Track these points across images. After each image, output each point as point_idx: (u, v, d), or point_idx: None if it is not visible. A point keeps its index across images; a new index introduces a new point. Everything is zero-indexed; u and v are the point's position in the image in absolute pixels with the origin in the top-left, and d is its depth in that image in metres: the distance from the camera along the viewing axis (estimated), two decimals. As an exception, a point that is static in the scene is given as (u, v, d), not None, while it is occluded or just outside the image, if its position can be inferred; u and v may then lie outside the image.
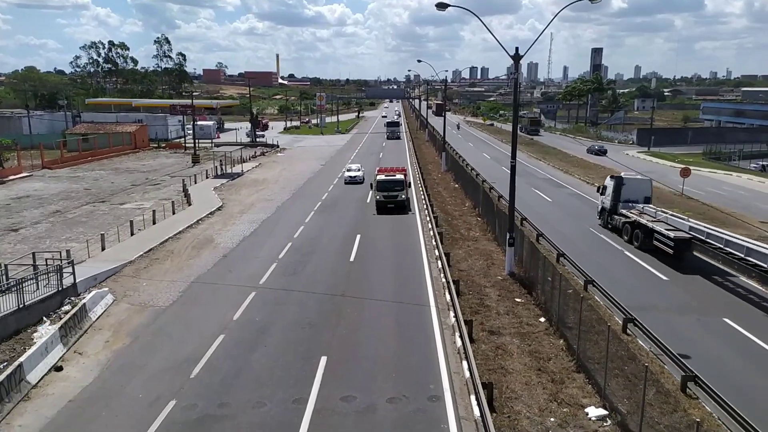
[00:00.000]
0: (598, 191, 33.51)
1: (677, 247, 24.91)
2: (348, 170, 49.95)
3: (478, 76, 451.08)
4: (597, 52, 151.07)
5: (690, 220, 26.70)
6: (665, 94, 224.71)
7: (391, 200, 36.03)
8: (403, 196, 36.23)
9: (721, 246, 22.85)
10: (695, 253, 24.74)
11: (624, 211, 30.33)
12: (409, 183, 39.39)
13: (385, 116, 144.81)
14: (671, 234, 25.14)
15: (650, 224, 27.14)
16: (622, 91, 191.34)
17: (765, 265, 20.39)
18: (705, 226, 24.87)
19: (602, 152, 71.24)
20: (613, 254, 27.65)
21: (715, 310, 20.38)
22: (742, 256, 21.59)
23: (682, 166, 49.67)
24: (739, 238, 22.49)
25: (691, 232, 25.01)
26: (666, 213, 28.02)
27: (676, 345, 16.34)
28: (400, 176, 37.30)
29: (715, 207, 38.45)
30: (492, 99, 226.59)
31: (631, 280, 23.80)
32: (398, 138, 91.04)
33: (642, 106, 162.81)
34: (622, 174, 32.39)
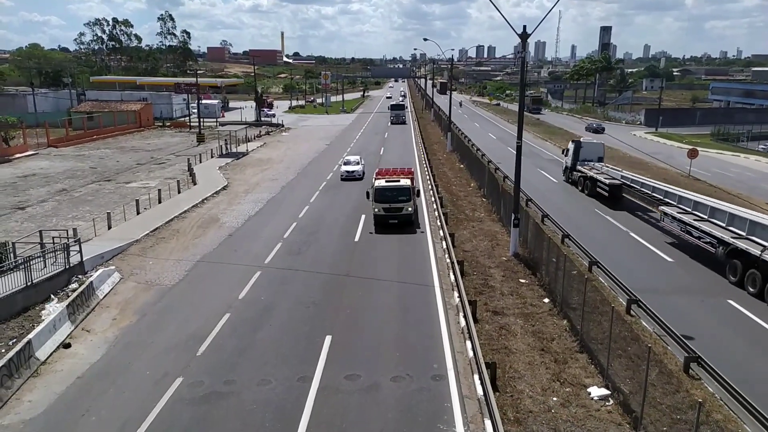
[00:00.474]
0: (563, 153, 40.48)
1: (611, 191, 33.09)
2: (345, 163, 42.33)
3: (485, 55, 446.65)
4: (606, 31, 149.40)
5: (623, 171, 34.28)
6: (674, 74, 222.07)
7: (394, 214, 27.60)
8: (410, 209, 27.73)
9: (638, 187, 30.92)
10: (624, 194, 32.80)
11: (580, 168, 37.39)
12: (418, 190, 29.55)
13: (390, 97, 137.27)
14: (607, 181, 33.41)
15: (595, 176, 34.86)
16: (630, 70, 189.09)
17: (660, 196, 28.15)
18: (632, 176, 32.67)
19: (600, 130, 73.50)
20: (618, 235, 27.60)
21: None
22: (650, 192, 29.37)
23: (690, 147, 49.26)
24: (650, 181, 30.55)
25: (622, 180, 32.83)
26: (610, 167, 35.76)
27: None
28: (405, 181, 28.50)
29: (721, 188, 38.21)
30: (498, 78, 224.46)
31: (635, 262, 23.80)
32: (403, 123, 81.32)
33: (650, 86, 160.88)
34: (581, 139, 41.27)
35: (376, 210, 27.62)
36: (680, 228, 25.09)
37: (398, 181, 28.64)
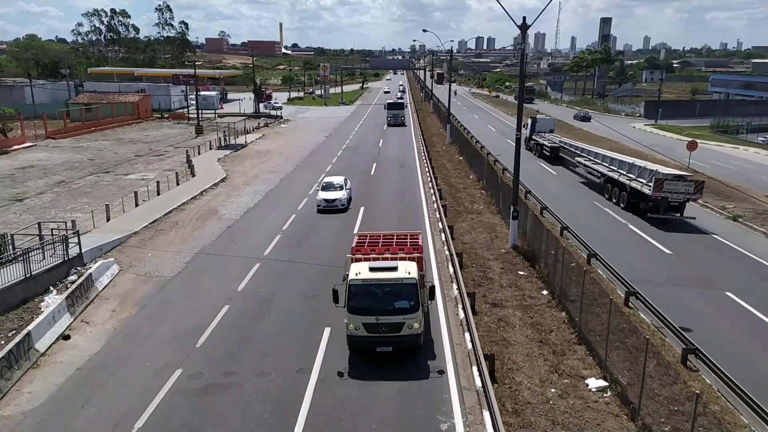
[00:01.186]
0: (523, 126, 48.69)
1: (551, 152, 45.35)
2: (323, 187, 30.88)
3: (485, 47, 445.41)
4: (606, 23, 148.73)
5: (561, 137, 46.45)
6: (674, 65, 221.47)
7: (387, 337, 14.72)
8: (415, 325, 14.77)
9: (567, 148, 42.82)
10: (561, 154, 44.36)
11: (535, 137, 48.75)
12: (432, 287, 15.46)
13: (388, 92, 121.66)
14: (549, 145, 45.75)
15: (542, 141, 47.20)
16: (630, 62, 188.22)
17: (578, 152, 40.03)
18: (567, 140, 44.80)
19: (587, 119, 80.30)
20: (617, 227, 27.62)
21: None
22: (573, 150, 41.09)
23: (689, 139, 49.18)
24: (575, 143, 43.28)
25: (560, 143, 44.57)
26: (553, 136, 47.64)
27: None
28: (407, 269, 15.17)
29: (720, 180, 38.23)
30: (498, 70, 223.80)
31: (633, 253, 23.85)
32: (402, 125, 68.52)
33: (650, 78, 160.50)
34: (537, 116, 58.64)
35: (351, 328, 14.70)
36: (586, 171, 37.89)
37: (394, 268, 15.00)
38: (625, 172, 31.27)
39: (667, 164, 42.84)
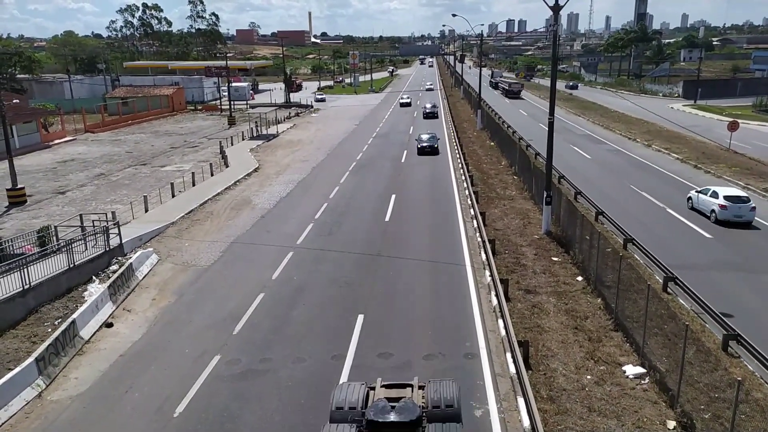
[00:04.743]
0: (491, 77, 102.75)
1: (509, 92, 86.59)
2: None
3: (515, 30, 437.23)
4: (642, 0, 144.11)
5: (517, 80, 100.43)
6: (714, 43, 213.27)
7: None
8: None
9: (504, 85, 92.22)
10: (513, 89, 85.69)
11: (494, 81, 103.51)
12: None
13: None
14: (502, 86, 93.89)
15: (501, 85, 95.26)
16: (667, 41, 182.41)
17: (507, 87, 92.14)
18: (506, 80, 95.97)
19: (575, 87, 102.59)
20: (656, 213, 27.00)
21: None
22: (501, 82, 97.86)
23: (730, 119, 47.51)
24: (506, 80, 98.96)
25: (508, 85, 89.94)
26: (511, 80, 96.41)
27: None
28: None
29: (763, 162, 36.93)
30: (530, 53, 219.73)
31: (672, 238, 23.30)
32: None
33: (689, 57, 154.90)
34: (493, 71, 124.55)
35: None
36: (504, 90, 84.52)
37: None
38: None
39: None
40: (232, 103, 63.18)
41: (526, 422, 11.46)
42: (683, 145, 43.55)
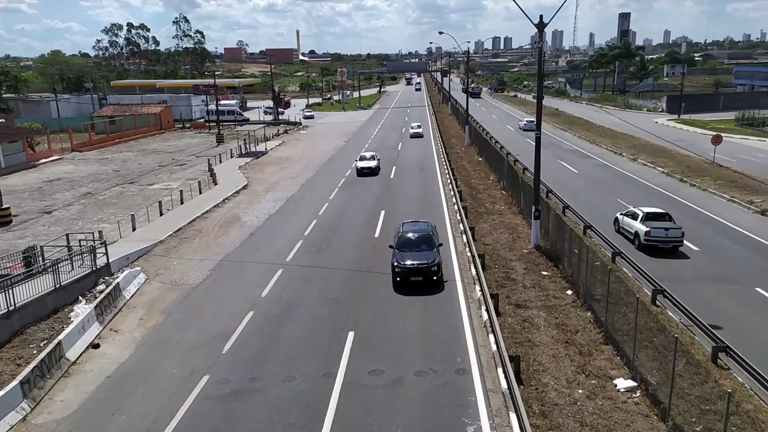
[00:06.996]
0: (462, 83, 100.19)
1: (473, 94, 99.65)
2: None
3: (501, 47, 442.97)
4: (624, 17, 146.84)
5: (481, 86, 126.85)
6: (696, 59, 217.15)
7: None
8: None
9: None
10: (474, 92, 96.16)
11: (464, 87, 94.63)
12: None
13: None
14: (471, 90, 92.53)
15: (469, 90, 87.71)
16: (650, 57, 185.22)
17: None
18: (475, 85, 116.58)
19: (477, 94, 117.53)
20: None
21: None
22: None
23: (714, 133, 48.21)
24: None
25: (478, 88, 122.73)
26: (476, 86, 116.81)
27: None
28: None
29: (747, 175, 37.43)
30: (516, 69, 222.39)
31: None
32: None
33: (672, 72, 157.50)
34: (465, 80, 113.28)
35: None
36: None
37: None
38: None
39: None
40: (220, 120, 63.15)
41: (519, 438, 11.40)
42: (668, 159, 44.08)
